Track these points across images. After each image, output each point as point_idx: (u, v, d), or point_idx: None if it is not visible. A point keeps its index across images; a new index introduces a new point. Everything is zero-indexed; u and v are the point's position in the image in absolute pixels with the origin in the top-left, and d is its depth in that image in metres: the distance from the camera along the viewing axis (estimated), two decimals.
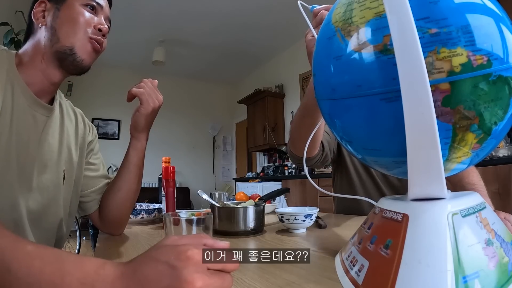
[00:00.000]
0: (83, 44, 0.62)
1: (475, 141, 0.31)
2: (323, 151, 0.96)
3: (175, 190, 0.88)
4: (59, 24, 0.61)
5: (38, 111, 0.63)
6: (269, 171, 4.32)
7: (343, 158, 1.11)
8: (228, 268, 0.31)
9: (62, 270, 0.30)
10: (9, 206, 0.57)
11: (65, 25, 0.62)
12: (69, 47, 0.61)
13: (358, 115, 0.34)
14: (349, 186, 1.11)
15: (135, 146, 0.75)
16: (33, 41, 0.63)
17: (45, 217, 0.65)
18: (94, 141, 0.82)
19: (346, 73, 0.34)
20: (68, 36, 0.61)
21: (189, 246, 0.30)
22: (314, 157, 0.91)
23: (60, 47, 0.61)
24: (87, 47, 0.63)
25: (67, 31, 0.61)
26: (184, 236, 0.36)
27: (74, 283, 0.30)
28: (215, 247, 0.32)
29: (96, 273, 0.30)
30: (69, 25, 0.62)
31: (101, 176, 0.80)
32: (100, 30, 0.64)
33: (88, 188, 0.77)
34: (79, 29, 0.62)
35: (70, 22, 0.62)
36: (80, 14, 0.62)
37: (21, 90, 0.59)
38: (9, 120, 0.57)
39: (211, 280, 0.29)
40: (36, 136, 0.63)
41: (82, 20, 0.62)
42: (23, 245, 0.33)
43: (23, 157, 0.60)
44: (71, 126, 0.74)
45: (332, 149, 1.04)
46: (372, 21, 0.31)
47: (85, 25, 0.63)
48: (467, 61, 0.27)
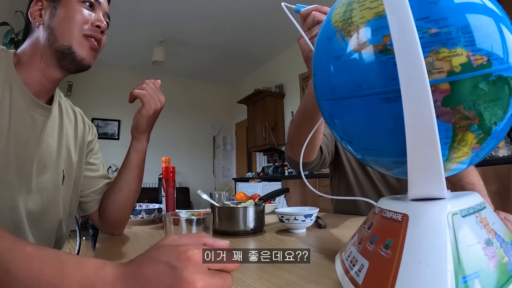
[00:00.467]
0: (80, 42, 0.61)
1: (475, 141, 0.31)
2: (322, 155, 0.95)
3: (175, 190, 0.88)
4: (56, 23, 0.60)
5: (36, 111, 0.62)
6: (269, 171, 4.32)
7: (340, 160, 1.11)
8: (229, 268, 0.31)
9: (61, 271, 0.30)
10: (8, 207, 0.57)
11: (62, 23, 0.61)
12: (67, 46, 0.60)
13: (358, 115, 0.34)
14: (347, 188, 1.11)
15: (136, 147, 0.75)
16: (31, 41, 0.62)
17: (44, 218, 0.65)
18: (94, 141, 0.81)
19: (346, 73, 0.34)
20: (65, 35, 0.60)
21: (189, 246, 0.30)
22: (313, 161, 0.90)
23: (58, 46, 0.60)
24: (85, 45, 0.62)
25: (64, 29, 0.60)
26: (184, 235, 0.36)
27: (73, 284, 0.29)
28: (215, 246, 0.32)
29: (96, 274, 0.30)
30: (65, 24, 0.61)
31: (101, 176, 0.80)
32: (98, 27, 0.63)
33: (88, 188, 0.77)
34: (75, 27, 0.61)
35: (67, 20, 0.61)
36: (77, 12, 0.61)
37: (19, 91, 0.59)
38: (7, 121, 0.57)
39: (211, 280, 0.29)
40: (35, 136, 0.62)
41: (79, 18, 0.61)
42: (22, 247, 0.33)
43: (21, 158, 0.59)
44: (70, 126, 0.73)
45: (330, 152, 1.03)
46: (372, 21, 0.31)
47: (82, 23, 0.62)
48: (467, 61, 0.27)
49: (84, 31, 0.62)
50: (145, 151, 0.76)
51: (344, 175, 1.11)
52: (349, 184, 1.10)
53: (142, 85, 0.72)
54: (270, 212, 1.13)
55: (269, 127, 4.32)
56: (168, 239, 0.33)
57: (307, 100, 0.69)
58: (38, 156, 0.63)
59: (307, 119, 0.70)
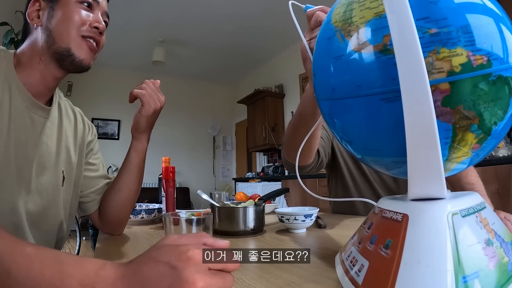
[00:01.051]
0: (78, 44, 0.61)
1: (475, 141, 0.31)
2: (319, 157, 0.95)
3: (175, 190, 0.88)
4: (54, 24, 0.60)
5: (36, 113, 0.62)
6: (269, 171, 4.32)
7: (337, 162, 1.11)
8: (229, 268, 0.31)
9: (61, 272, 0.30)
10: (8, 209, 0.57)
11: (59, 25, 0.60)
12: (66, 48, 0.60)
13: (358, 115, 0.34)
14: (344, 189, 1.11)
15: (136, 147, 0.75)
16: (30, 42, 0.62)
17: (45, 219, 0.65)
18: (93, 141, 0.81)
19: (346, 73, 0.34)
20: (62, 37, 0.60)
21: (190, 246, 0.30)
22: (310, 164, 0.90)
23: (57, 49, 0.60)
24: (83, 47, 0.62)
25: (61, 31, 0.60)
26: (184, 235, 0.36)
27: (74, 285, 0.29)
28: (215, 246, 0.32)
29: (96, 275, 0.30)
30: (63, 25, 0.60)
31: (101, 176, 0.80)
32: (96, 28, 0.63)
33: (88, 189, 0.77)
34: (73, 28, 0.60)
35: (65, 22, 0.60)
36: (75, 13, 0.61)
37: (18, 92, 0.59)
38: (7, 122, 0.56)
39: (212, 280, 0.29)
40: (34, 138, 0.62)
41: (76, 19, 0.61)
42: (22, 247, 0.33)
43: (21, 160, 0.59)
44: (69, 127, 0.73)
45: (327, 154, 1.03)
46: (372, 21, 0.31)
47: (79, 24, 0.61)
48: (467, 61, 0.27)
49: (82, 32, 0.61)
50: (145, 151, 0.76)
51: (341, 176, 1.11)
52: (346, 185, 1.10)
53: (142, 85, 0.72)
54: (270, 212, 1.13)
55: (269, 127, 4.32)
56: (168, 239, 0.33)
57: (303, 105, 0.69)
58: (37, 157, 0.62)
59: (303, 123, 0.70)
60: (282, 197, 3.29)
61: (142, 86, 0.72)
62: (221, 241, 0.33)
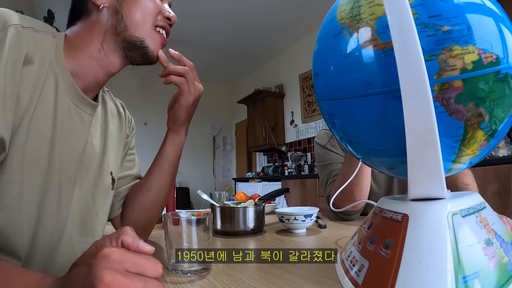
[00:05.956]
0: (153, 36, 0.55)
1: (483, 138, 0.31)
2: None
3: (175, 190, 0.88)
4: (126, 9, 0.52)
5: (85, 110, 0.54)
6: (269, 171, 4.32)
7: None
8: (149, 273, 0.29)
9: (7, 281, 0.32)
10: (52, 215, 0.51)
11: (133, 10, 0.53)
12: (140, 39, 0.53)
13: (368, 114, 0.33)
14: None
15: (173, 141, 0.66)
16: (89, 24, 0.53)
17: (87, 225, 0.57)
18: (131, 135, 0.72)
19: (356, 71, 0.32)
20: (138, 25, 0.53)
21: (107, 245, 0.30)
22: (360, 209, 0.95)
23: (129, 37, 0.53)
24: (157, 40, 0.56)
25: (136, 18, 0.53)
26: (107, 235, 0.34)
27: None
28: (133, 247, 0.31)
29: (37, 284, 0.32)
30: (138, 11, 0.53)
31: (134, 176, 0.71)
32: (168, 19, 0.57)
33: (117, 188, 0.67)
34: (149, 17, 0.54)
35: (139, 8, 0.53)
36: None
37: (66, 86, 0.50)
38: (51, 123, 0.48)
39: (125, 280, 0.27)
40: (83, 140, 0.54)
41: (151, 7, 0.54)
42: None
43: (67, 168, 0.51)
44: (113, 122, 0.65)
45: None
46: (383, 17, 0.30)
47: (155, 13, 0.55)
48: (478, 58, 0.28)
49: (156, 21, 0.55)
50: (182, 147, 0.68)
51: None
52: None
53: (180, 70, 0.60)
54: (270, 212, 1.13)
55: (269, 127, 4.32)
56: (95, 242, 0.33)
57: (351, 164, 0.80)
58: (84, 160, 0.55)
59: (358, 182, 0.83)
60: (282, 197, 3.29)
61: (182, 72, 0.60)
62: (143, 244, 0.31)
